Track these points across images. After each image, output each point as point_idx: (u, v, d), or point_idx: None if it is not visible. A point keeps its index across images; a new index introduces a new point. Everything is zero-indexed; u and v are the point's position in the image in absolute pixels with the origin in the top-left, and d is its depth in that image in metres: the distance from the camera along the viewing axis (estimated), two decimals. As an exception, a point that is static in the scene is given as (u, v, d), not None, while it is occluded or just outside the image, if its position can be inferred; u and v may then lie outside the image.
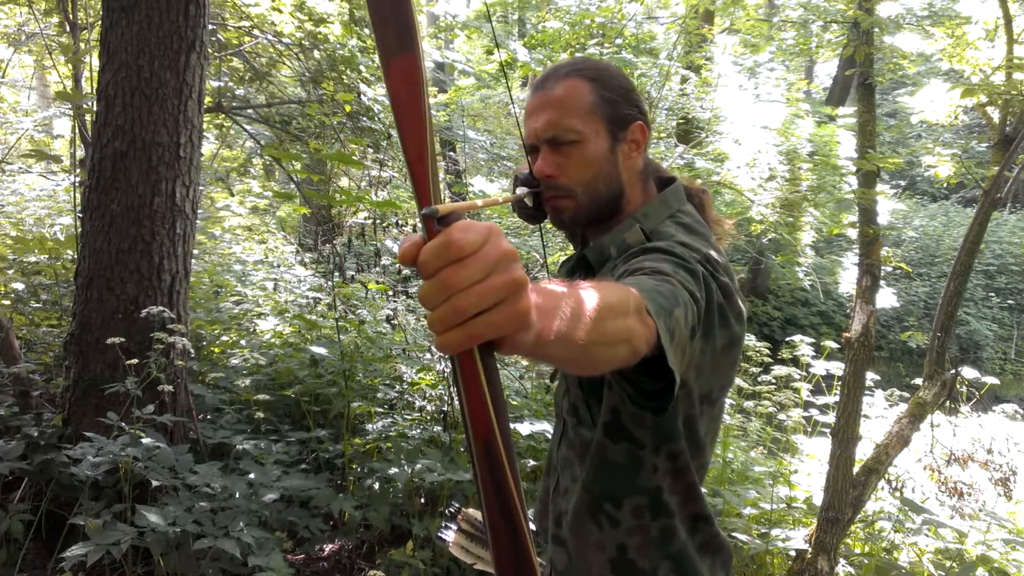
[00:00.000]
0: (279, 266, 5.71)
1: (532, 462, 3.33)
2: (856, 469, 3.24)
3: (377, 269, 5.35)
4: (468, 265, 0.54)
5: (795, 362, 4.42)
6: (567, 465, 1.24)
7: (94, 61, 3.76)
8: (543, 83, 1.19)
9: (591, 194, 1.18)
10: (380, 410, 3.67)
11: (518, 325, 0.57)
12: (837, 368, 4.10)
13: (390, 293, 4.91)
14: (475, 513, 1.39)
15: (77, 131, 3.88)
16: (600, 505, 1.16)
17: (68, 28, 4.09)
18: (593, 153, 1.16)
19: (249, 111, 5.64)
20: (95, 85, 3.20)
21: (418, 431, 3.38)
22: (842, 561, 3.19)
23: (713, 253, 1.11)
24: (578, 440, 1.21)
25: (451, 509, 3.12)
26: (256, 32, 5.45)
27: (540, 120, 1.17)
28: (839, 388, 3.51)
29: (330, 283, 4.69)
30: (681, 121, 7.76)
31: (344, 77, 5.15)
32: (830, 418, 3.92)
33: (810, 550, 3.10)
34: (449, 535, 1.36)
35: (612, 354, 0.75)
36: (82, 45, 4.16)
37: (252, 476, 2.78)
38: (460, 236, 0.54)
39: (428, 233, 0.56)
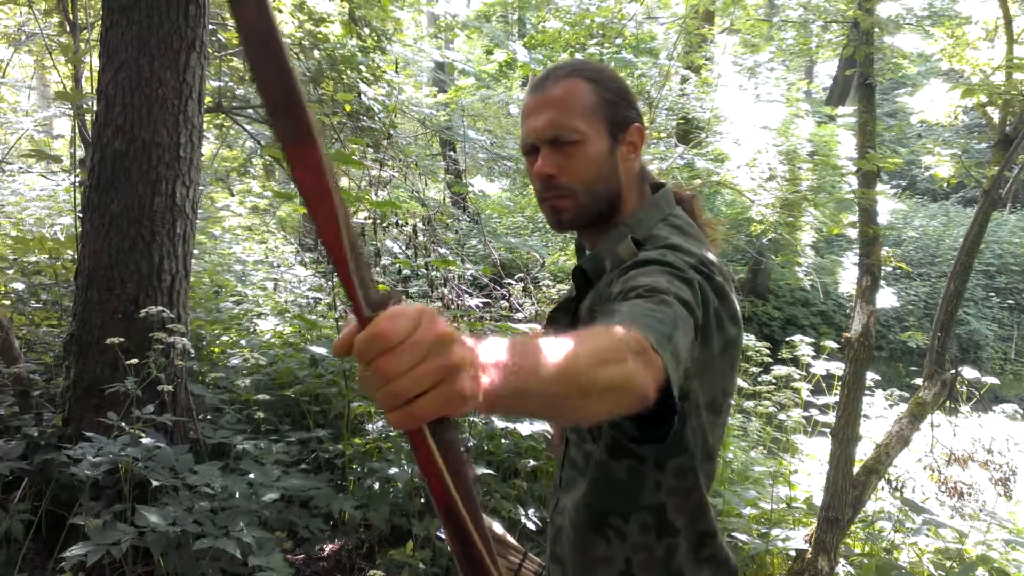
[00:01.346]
0: (279, 266, 5.71)
1: (532, 462, 3.33)
2: (856, 469, 3.24)
3: (377, 269, 5.34)
4: (399, 353, 0.56)
5: (795, 362, 4.43)
6: (569, 482, 1.24)
7: (94, 61, 3.76)
8: (542, 83, 1.19)
9: (591, 194, 1.17)
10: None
11: (457, 404, 0.59)
12: (837, 368, 4.10)
13: (390, 293, 4.90)
14: None
15: (77, 131, 3.88)
16: (606, 519, 1.15)
17: (68, 28, 4.09)
18: (594, 153, 1.16)
19: (249, 111, 5.64)
20: (95, 85, 3.20)
21: (418, 431, 3.37)
22: (842, 561, 3.19)
23: (708, 254, 1.12)
24: (580, 456, 1.21)
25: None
26: (256, 32, 5.43)
27: (541, 120, 1.16)
28: (839, 388, 3.51)
29: (330, 283, 4.69)
30: (681, 121, 7.77)
31: (344, 77, 5.15)
32: (830, 418, 3.92)
33: (810, 550, 3.10)
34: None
35: (605, 405, 0.76)
36: (82, 45, 4.16)
37: (252, 476, 2.78)
38: (388, 326, 0.56)
39: (360, 322, 0.58)
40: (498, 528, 1.34)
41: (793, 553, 3.25)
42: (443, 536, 2.73)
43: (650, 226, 1.17)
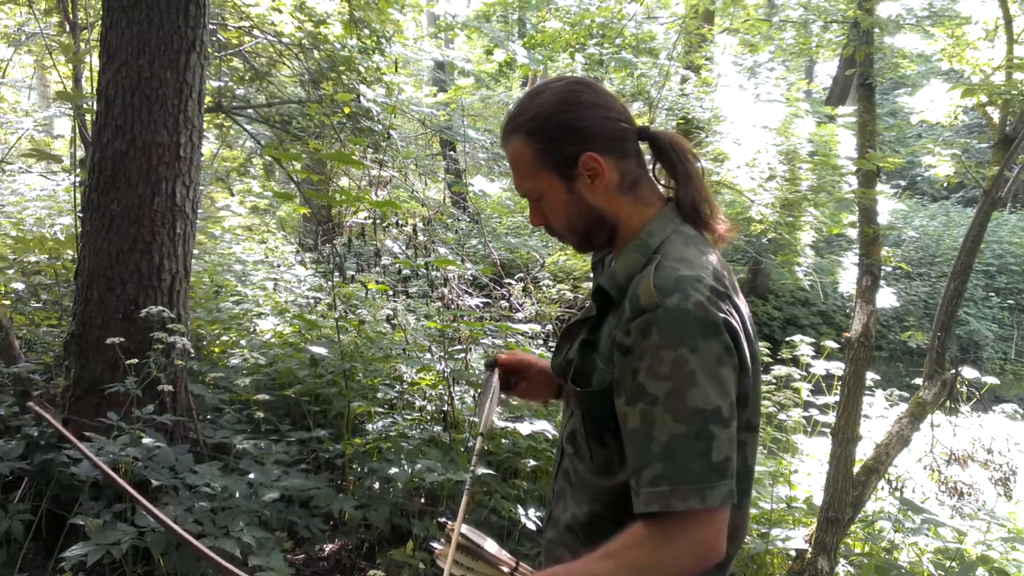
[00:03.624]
0: (279, 266, 5.71)
1: (532, 462, 3.33)
2: (856, 469, 3.24)
3: (377, 269, 5.34)
4: None
5: (795, 362, 4.42)
6: (560, 494, 1.25)
7: (94, 61, 3.76)
8: (501, 139, 1.24)
9: (575, 233, 1.23)
10: (380, 410, 3.67)
11: None
12: (837, 368, 4.10)
13: (390, 293, 4.91)
14: (465, 529, 1.37)
15: (77, 131, 3.88)
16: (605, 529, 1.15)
17: (68, 28, 4.08)
18: (555, 201, 1.20)
19: (249, 111, 5.64)
20: (95, 85, 3.20)
21: (418, 431, 3.38)
22: (842, 561, 3.19)
23: (715, 262, 1.12)
24: (572, 471, 1.21)
25: (447, 512, 3.12)
26: (256, 32, 5.44)
27: (513, 180, 1.25)
28: (839, 388, 3.51)
29: (330, 283, 4.69)
30: (681, 121, 7.76)
31: (344, 77, 5.15)
32: (830, 418, 3.92)
33: (810, 550, 3.10)
34: (437, 546, 1.36)
35: None
36: (82, 45, 4.16)
37: (252, 476, 2.78)
38: None
39: None
40: (491, 546, 1.34)
41: (793, 553, 3.25)
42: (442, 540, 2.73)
43: (661, 236, 1.16)
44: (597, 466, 1.16)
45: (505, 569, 1.32)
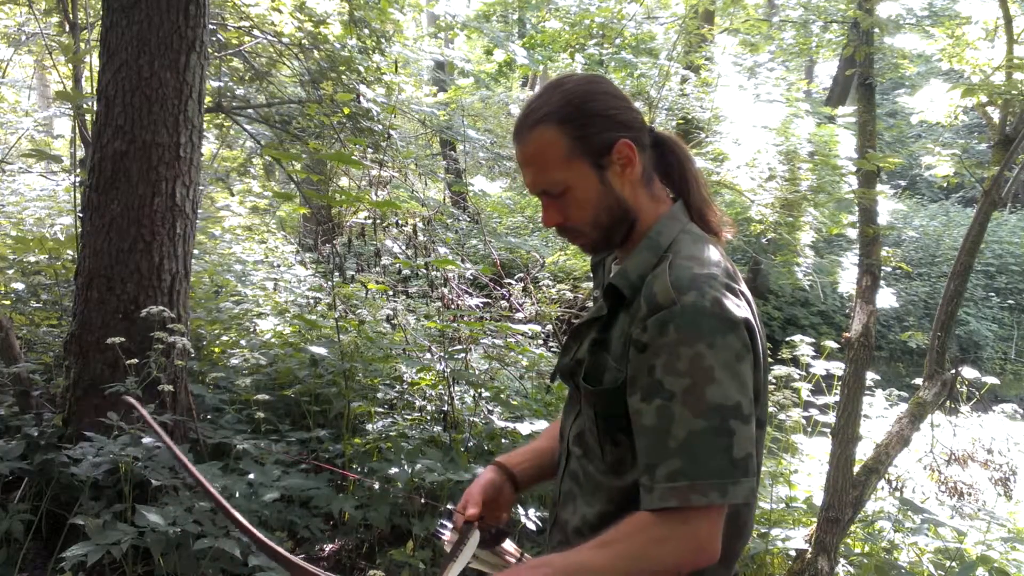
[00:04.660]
0: (279, 266, 5.71)
1: (532, 462, 3.32)
2: (856, 469, 3.24)
3: (377, 269, 5.34)
4: None
5: (795, 362, 4.42)
6: (568, 497, 1.23)
7: (94, 61, 3.76)
8: (517, 133, 1.18)
9: (598, 228, 1.19)
10: (380, 410, 3.67)
11: None
12: (837, 368, 4.09)
13: (390, 293, 4.91)
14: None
15: (77, 131, 3.88)
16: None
17: (68, 28, 4.09)
18: (585, 194, 1.16)
19: (249, 111, 5.64)
20: (95, 85, 3.20)
21: (418, 431, 3.38)
22: (842, 561, 3.19)
23: (722, 258, 1.13)
24: (581, 472, 1.20)
25: (450, 506, 3.11)
26: (256, 32, 5.44)
27: (527, 177, 1.19)
28: (839, 388, 3.51)
29: (330, 283, 4.69)
30: (681, 121, 7.77)
31: (344, 77, 5.15)
32: (830, 418, 3.92)
33: (810, 550, 3.10)
34: (445, 533, 1.36)
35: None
36: (82, 45, 4.16)
37: (252, 476, 2.78)
38: None
39: None
40: (510, 546, 1.35)
41: (793, 553, 3.24)
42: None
43: (670, 236, 1.16)
44: (609, 465, 1.15)
45: (511, 559, 1.33)
